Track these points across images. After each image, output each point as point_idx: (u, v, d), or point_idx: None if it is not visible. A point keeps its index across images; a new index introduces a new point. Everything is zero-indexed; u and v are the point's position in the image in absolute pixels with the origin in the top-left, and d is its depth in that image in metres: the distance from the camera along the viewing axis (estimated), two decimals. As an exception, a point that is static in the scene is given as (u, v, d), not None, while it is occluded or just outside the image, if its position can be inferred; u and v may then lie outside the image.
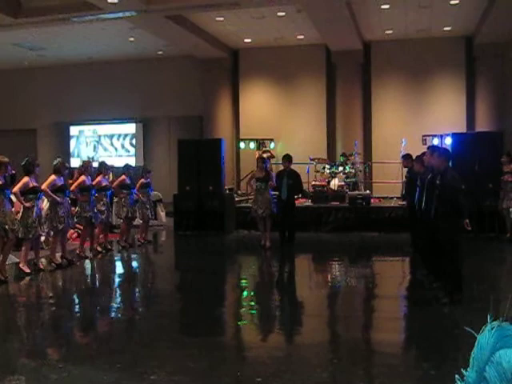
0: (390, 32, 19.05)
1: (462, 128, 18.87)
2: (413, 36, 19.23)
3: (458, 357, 5.45)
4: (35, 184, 10.18)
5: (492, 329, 1.43)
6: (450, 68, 19.79)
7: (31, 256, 10.56)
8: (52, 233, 11.12)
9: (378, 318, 7.97)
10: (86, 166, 12.43)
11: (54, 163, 11.12)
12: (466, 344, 5.45)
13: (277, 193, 13.50)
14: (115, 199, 13.58)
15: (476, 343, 1.43)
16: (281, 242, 13.26)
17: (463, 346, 5.54)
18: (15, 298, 9.30)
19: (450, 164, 8.46)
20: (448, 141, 16.41)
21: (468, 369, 1.44)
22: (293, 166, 18.46)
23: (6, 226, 9.32)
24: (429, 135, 17.67)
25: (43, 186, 10.65)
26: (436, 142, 17.05)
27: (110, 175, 14.38)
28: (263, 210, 13.00)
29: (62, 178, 11.06)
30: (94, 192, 12.07)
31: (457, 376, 1.44)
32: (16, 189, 9.87)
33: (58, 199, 10.74)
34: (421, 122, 19.42)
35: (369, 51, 20.49)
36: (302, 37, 19.63)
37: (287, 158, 13.63)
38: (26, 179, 10.02)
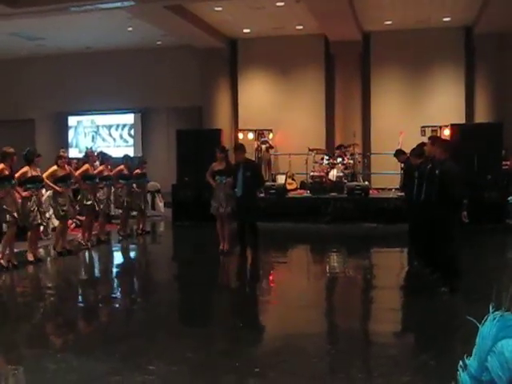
0: (389, 23, 18.97)
1: (461, 119, 18.81)
2: (412, 27, 19.14)
3: (456, 347, 5.45)
4: (34, 174, 10.18)
5: (494, 319, 1.42)
6: (449, 59, 19.73)
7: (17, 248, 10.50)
8: (52, 222, 11.15)
9: (377, 308, 7.98)
10: (89, 155, 12.46)
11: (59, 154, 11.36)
12: (464, 334, 5.43)
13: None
14: (113, 189, 13.57)
15: (478, 333, 1.42)
16: (240, 250, 11.16)
17: (462, 337, 5.55)
18: (15, 287, 9.33)
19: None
20: (447, 132, 16.40)
21: (470, 358, 1.44)
22: (292, 157, 18.71)
23: (15, 214, 9.42)
24: (428, 126, 17.63)
25: (44, 176, 10.70)
26: (435, 133, 17.02)
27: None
28: (224, 207, 11.01)
29: (67, 168, 11.17)
30: (96, 181, 12.10)
31: (460, 365, 1.43)
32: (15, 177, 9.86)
33: (59, 189, 10.80)
34: (420, 113, 19.36)
35: (368, 42, 20.41)
36: (300, 27, 19.56)
37: (239, 148, 11.33)
38: (25, 169, 10.05)
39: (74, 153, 22.05)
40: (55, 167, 10.96)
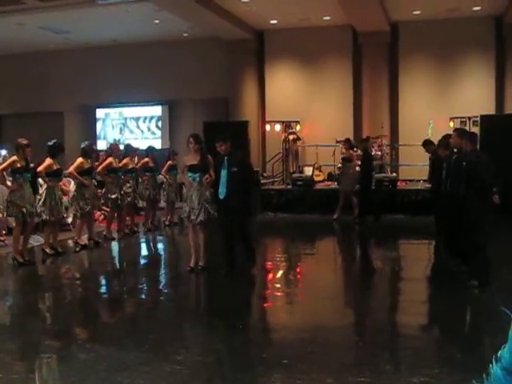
0: (417, 12, 18.75)
1: (491, 110, 18.56)
2: (441, 16, 18.90)
3: (484, 341, 5.40)
4: (58, 166, 10.25)
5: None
6: (479, 49, 19.44)
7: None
8: (78, 215, 11.20)
9: (404, 300, 7.93)
10: (113, 148, 12.51)
11: (82, 146, 11.21)
12: (493, 328, 5.37)
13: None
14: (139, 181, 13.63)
15: (511, 325, 1.40)
16: (228, 265, 8.99)
17: (490, 330, 5.50)
18: (41, 280, 9.41)
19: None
20: (477, 123, 16.20)
21: (503, 349, 1.41)
22: (320, 149, 18.61)
23: (24, 210, 9.39)
24: (457, 117, 17.44)
25: (70, 169, 10.77)
26: (465, 124, 16.82)
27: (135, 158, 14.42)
28: (195, 215, 8.68)
29: (89, 161, 11.17)
30: (120, 174, 12.14)
31: (492, 357, 1.41)
32: (41, 168, 9.94)
33: (85, 182, 10.85)
34: (449, 104, 19.13)
35: (396, 32, 20.19)
36: (328, 18, 19.42)
37: (222, 138, 8.61)
38: (50, 161, 10.05)
39: (102, 145, 22.18)
40: (81, 159, 10.99)
